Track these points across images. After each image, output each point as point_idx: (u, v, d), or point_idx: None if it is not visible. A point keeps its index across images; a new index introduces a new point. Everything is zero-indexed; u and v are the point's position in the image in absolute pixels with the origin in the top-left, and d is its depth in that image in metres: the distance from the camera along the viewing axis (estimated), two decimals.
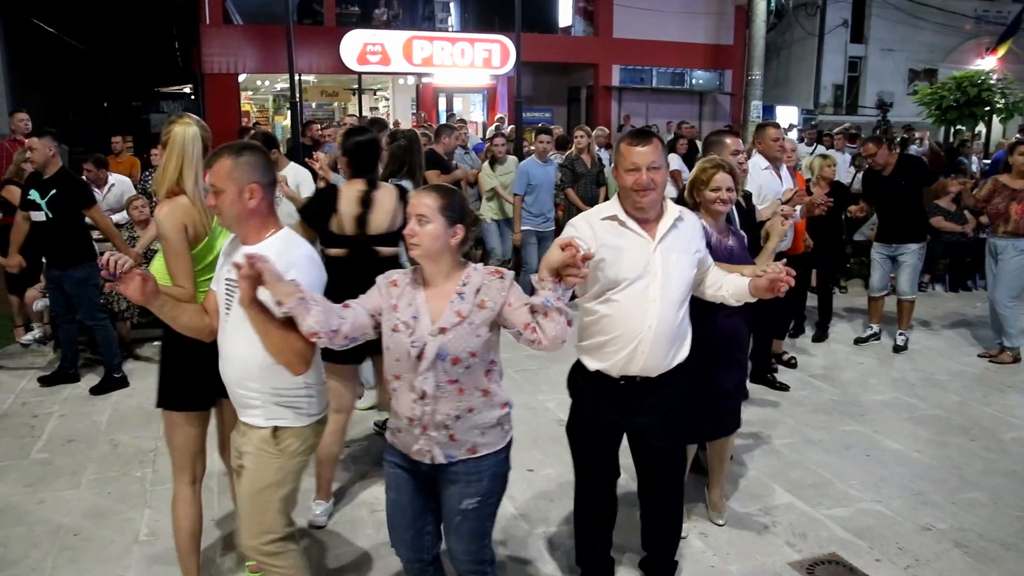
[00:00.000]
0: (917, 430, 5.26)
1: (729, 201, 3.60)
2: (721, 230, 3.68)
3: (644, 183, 2.89)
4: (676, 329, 3.03)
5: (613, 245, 2.95)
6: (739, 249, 3.77)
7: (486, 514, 2.72)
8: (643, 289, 2.95)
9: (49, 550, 3.74)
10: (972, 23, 23.88)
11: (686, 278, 3.04)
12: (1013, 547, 3.84)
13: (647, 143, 2.95)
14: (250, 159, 2.60)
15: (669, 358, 3.05)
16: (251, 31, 17.57)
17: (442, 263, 2.56)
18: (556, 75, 21.28)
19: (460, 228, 2.54)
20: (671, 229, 3.02)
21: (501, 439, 2.70)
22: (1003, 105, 11.55)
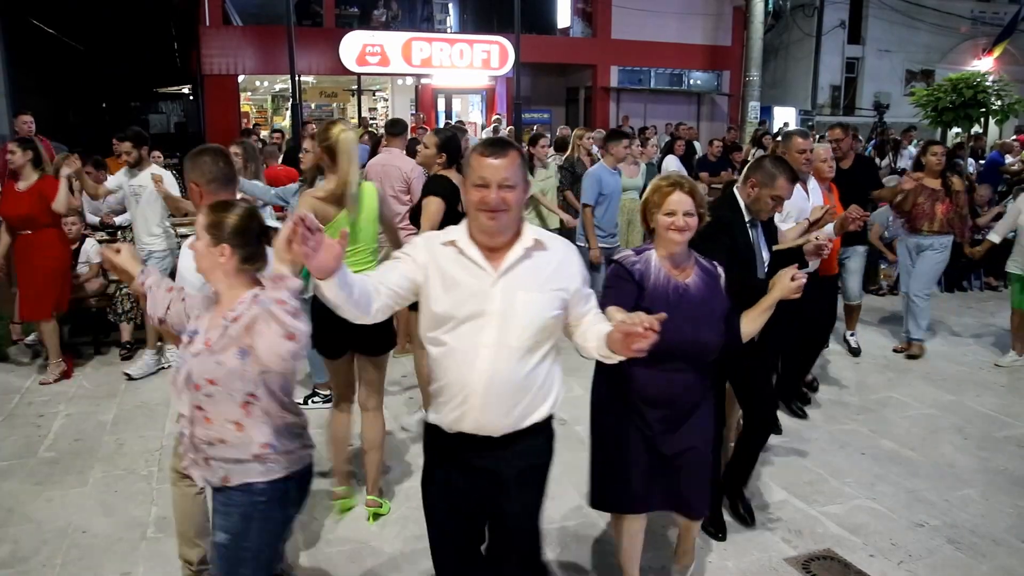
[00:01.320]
0: (912, 429, 5.33)
1: (687, 228, 2.91)
2: (679, 263, 3.01)
3: (493, 202, 2.34)
4: (521, 382, 2.41)
5: (450, 275, 2.41)
6: (703, 290, 3.01)
7: (238, 559, 2.48)
8: (476, 331, 2.38)
9: (58, 547, 3.81)
10: (968, 24, 23.95)
11: (536, 322, 2.40)
12: (1004, 542, 3.91)
13: (502, 155, 2.39)
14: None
15: (514, 416, 2.43)
16: (250, 32, 17.62)
17: (216, 282, 2.49)
18: (554, 76, 21.35)
19: (226, 248, 2.41)
20: (521, 260, 2.42)
21: (258, 475, 2.46)
22: (998, 107, 11.59)
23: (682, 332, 2.82)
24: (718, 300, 3.04)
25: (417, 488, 2.69)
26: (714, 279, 3.07)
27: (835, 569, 3.70)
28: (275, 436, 2.47)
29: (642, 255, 3.00)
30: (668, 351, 2.68)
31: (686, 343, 2.88)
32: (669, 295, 2.93)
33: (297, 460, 2.55)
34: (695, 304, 2.95)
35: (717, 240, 3.41)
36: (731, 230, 3.58)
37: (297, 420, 2.58)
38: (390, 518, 4.07)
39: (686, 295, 2.96)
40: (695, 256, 3.07)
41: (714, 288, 3.05)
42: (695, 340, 2.92)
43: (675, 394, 2.99)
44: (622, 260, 3.01)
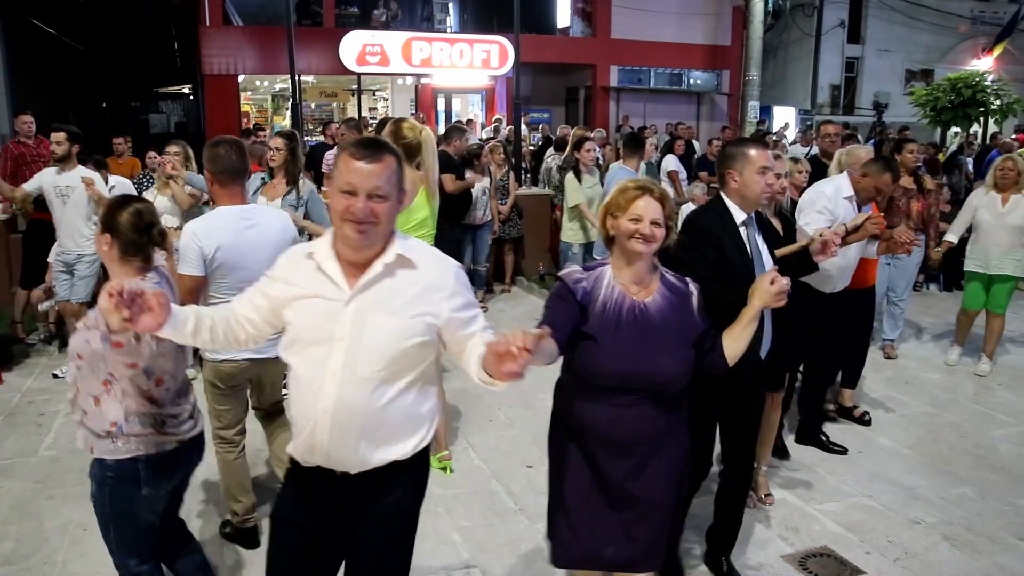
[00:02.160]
0: (909, 427, 5.36)
1: (653, 239, 2.54)
2: (640, 278, 2.62)
3: (359, 213, 2.06)
4: (375, 416, 2.15)
5: (305, 292, 2.18)
6: (666, 310, 2.59)
7: (103, 520, 2.76)
8: (323, 357, 2.14)
9: (60, 544, 3.84)
10: (968, 24, 23.98)
11: (390, 349, 2.12)
12: (999, 540, 3.94)
13: (375, 159, 2.09)
14: None
15: (367, 453, 2.18)
16: (250, 32, 17.65)
17: (108, 267, 2.74)
18: (554, 76, 21.36)
19: (107, 237, 2.66)
20: (380, 278, 2.14)
21: (107, 452, 2.64)
22: (997, 106, 11.64)
23: (633, 359, 2.50)
24: (685, 322, 2.62)
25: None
26: (683, 297, 2.64)
27: (832, 566, 3.72)
28: (126, 417, 2.64)
29: (593, 271, 2.64)
30: (616, 381, 2.50)
31: (638, 372, 2.51)
32: (622, 316, 2.54)
33: (151, 445, 2.69)
34: (654, 327, 2.55)
35: (703, 254, 3.14)
36: (718, 241, 3.20)
37: (160, 409, 2.71)
38: None
39: (643, 316, 2.56)
40: (661, 271, 2.68)
41: (681, 308, 2.63)
42: (649, 369, 2.51)
43: (627, 432, 2.57)
44: (566, 277, 2.63)
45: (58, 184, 6.01)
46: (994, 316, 6.53)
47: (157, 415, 2.70)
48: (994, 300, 6.50)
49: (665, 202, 2.59)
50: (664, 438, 2.63)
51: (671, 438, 2.66)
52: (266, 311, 2.27)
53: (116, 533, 2.78)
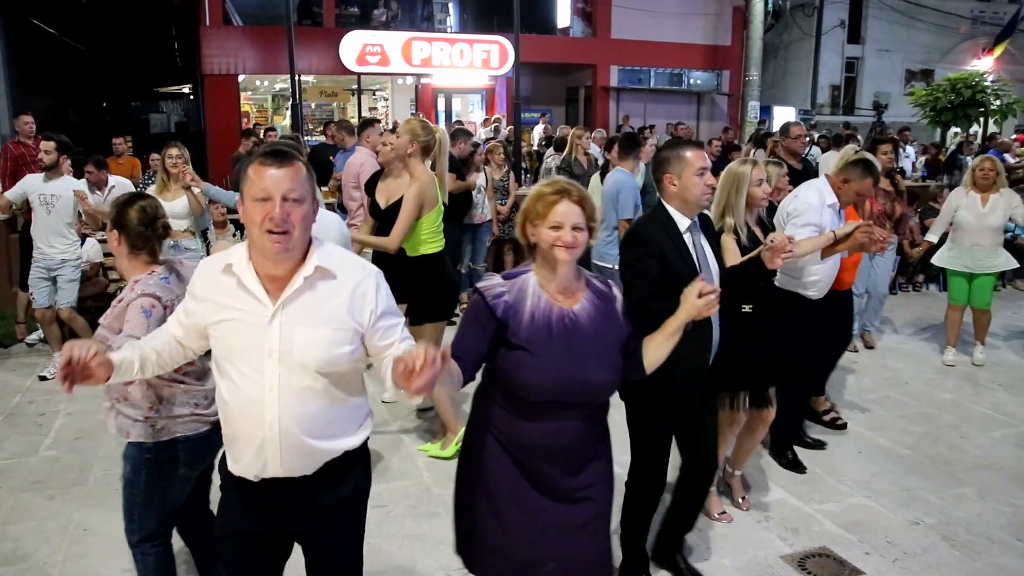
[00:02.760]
0: (908, 427, 5.36)
1: (575, 244, 2.41)
2: (566, 286, 2.49)
3: (277, 218, 2.05)
4: (322, 423, 2.20)
5: (226, 307, 2.17)
6: (596, 318, 2.49)
7: (131, 502, 2.89)
8: (257, 373, 2.14)
9: (59, 545, 3.84)
10: (968, 24, 23.98)
11: (322, 360, 2.14)
12: (998, 540, 3.94)
13: (285, 164, 2.10)
14: None
15: (321, 455, 2.23)
16: (251, 32, 17.65)
17: (118, 263, 2.91)
18: (554, 76, 21.37)
19: (115, 233, 2.82)
20: (302, 291, 2.14)
21: (147, 436, 2.79)
22: (997, 106, 11.65)
23: (567, 370, 2.39)
24: (613, 328, 2.52)
25: (416, 486, 2.71)
26: (609, 302, 2.54)
27: (831, 567, 3.72)
28: (161, 401, 2.77)
29: (515, 280, 2.48)
30: (552, 395, 2.39)
31: (574, 383, 2.40)
32: (552, 327, 2.42)
33: (189, 426, 2.82)
34: (586, 336, 2.44)
35: (646, 270, 3.04)
36: (661, 252, 3.08)
37: (190, 387, 2.83)
38: (391, 513, 4.09)
39: (575, 326, 2.44)
40: (585, 276, 2.57)
41: (609, 314, 2.53)
42: (583, 379, 2.41)
43: (566, 446, 2.47)
44: (485, 291, 2.45)
45: (43, 192, 5.98)
46: (981, 312, 6.68)
47: (190, 397, 2.83)
48: (978, 296, 6.62)
49: (585, 204, 2.45)
50: (599, 445, 2.58)
51: (604, 443, 2.62)
52: (192, 330, 2.29)
53: (141, 516, 2.88)
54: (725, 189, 3.79)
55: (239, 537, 2.35)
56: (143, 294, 2.73)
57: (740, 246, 3.67)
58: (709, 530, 4.00)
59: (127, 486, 2.88)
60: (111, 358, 2.15)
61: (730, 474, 4.30)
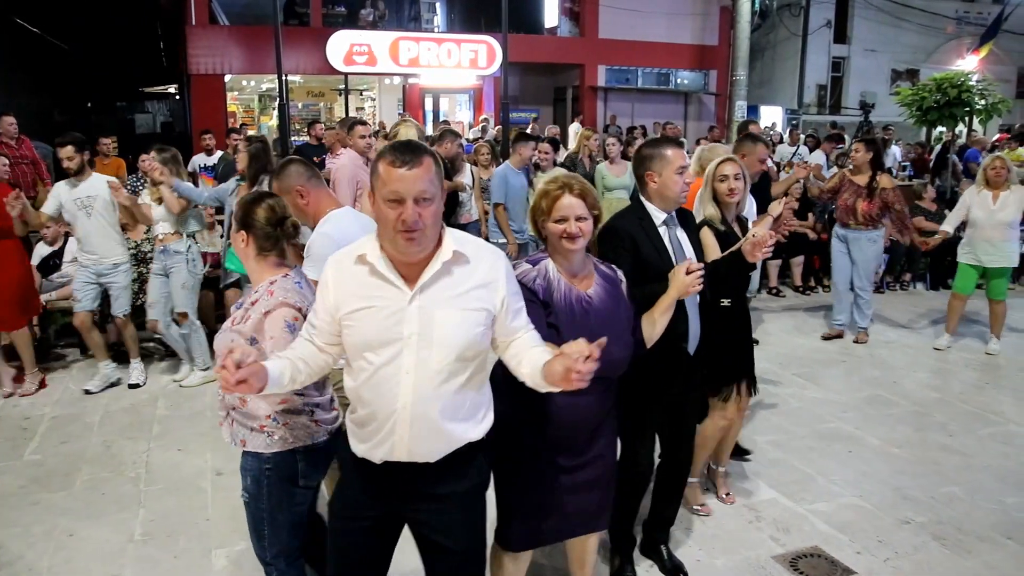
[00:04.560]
0: (897, 426, 5.37)
1: (580, 234, 2.64)
2: (578, 272, 2.74)
3: (410, 221, 2.11)
4: (449, 406, 2.26)
5: (362, 296, 2.23)
6: (607, 300, 2.75)
7: (257, 517, 2.74)
8: (394, 356, 2.20)
9: (44, 550, 3.79)
10: (953, 24, 24.14)
11: (458, 343, 2.21)
12: (988, 539, 3.95)
13: (416, 163, 2.13)
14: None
15: (446, 441, 2.29)
16: (237, 32, 17.55)
17: (246, 265, 2.83)
18: (542, 75, 21.36)
19: (243, 234, 2.76)
20: (439, 276, 2.21)
21: (262, 446, 2.67)
22: (982, 106, 11.69)
23: None
24: (623, 308, 2.80)
25: None
26: (616, 285, 2.82)
27: (822, 567, 3.72)
28: (276, 411, 2.65)
29: (539, 266, 2.69)
30: None
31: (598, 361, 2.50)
32: (575, 309, 2.66)
33: (306, 435, 2.70)
34: (602, 316, 2.68)
35: (618, 257, 3.10)
36: (634, 244, 3.20)
37: (308, 399, 2.71)
38: None
39: (592, 307, 2.69)
40: (594, 262, 2.83)
41: (617, 296, 2.80)
42: (606, 357, 2.36)
43: (579, 419, 2.74)
44: (522, 278, 2.60)
45: (78, 197, 5.68)
46: (996, 303, 6.95)
47: (306, 404, 2.71)
48: (994, 289, 6.92)
49: (587, 195, 2.70)
50: (608, 417, 2.86)
51: (611, 414, 2.89)
52: (327, 330, 2.32)
53: (271, 530, 2.75)
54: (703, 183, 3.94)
55: (355, 521, 2.40)
56: (283, 303, 2.62)
57: (722, 241, 3.68)
58: (701, 530, 4.00)
59: (251, 501, 2.74)
60: (267, 367, 2.19)
61: (714, 471, 4.36)
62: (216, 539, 3.89)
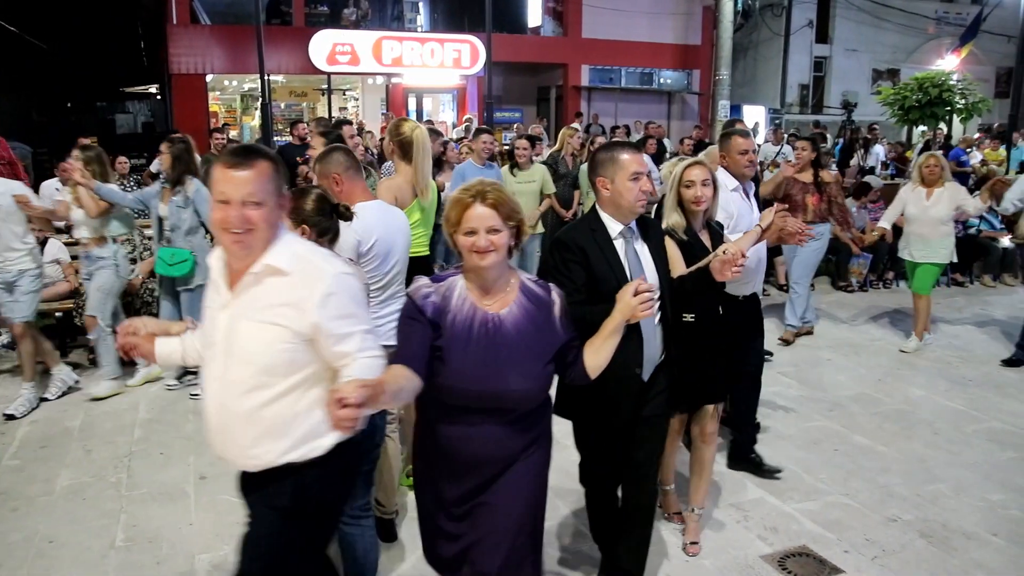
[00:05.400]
0: (883, 424, 5.38)
1: (492, 248, 2.33)
2: (491, 289, 2.43)
3: (234, 222, 2.11)
4: (255, 421, 2.21)
5: (210, 294, 2.34)
6: (524, 323, 2.42)
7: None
8: (210, 360, 2.28)
9: (24, 558, 3.73)
10: (934, 24, 24.34)
11: (259, 358, 2.18)
12: (975, 536, 3.96)
13: (247, 166, 2.12)
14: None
15: (258, 453, 2.25)
16: (219, 31, 17.43)
17: None
18: (526, 75, 21.35)
19: (304, 228, 2.83)
20: (250, 286, 2.19)
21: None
22: (963, 105, 11.81)
23: (481, 378, 2.34)
24: (544, 336, 2.45)
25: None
26: (543, 308, 2.47)
27: (811, 566, 3.72)
28: None
29: (444, 282, 2.44)
30: (463, 400, 2.35)
31: (486, 391, 2.34)
32: (473, 332, 2.37)
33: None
34: (507, 342, 2.38)
35: (570, 275, 2.91)
36: (585, 257, 2.94)
37: None
38: None
39: (497, 330, 2.38)
40: (522, 279, 2.50)
41: (540, 319, 2.45)
42: (498, 388, 2.34)
43: (474, 451, 2.43)
44: (413, 293, 2.43)
45: None
46: (920, 297, 7.00)
47: None
48: (919, 282, 6.97)
49: (502, 204, 2.35)
50: (518, 456, 2.47)
51: (527, 456, 2.49)
52: None
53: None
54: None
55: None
56: None
57: (689, 253, 3.38)
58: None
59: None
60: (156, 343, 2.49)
61: (690, 515, 3.94)
62: (200, 544, 3.83)
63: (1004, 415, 5.58)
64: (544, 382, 2.47)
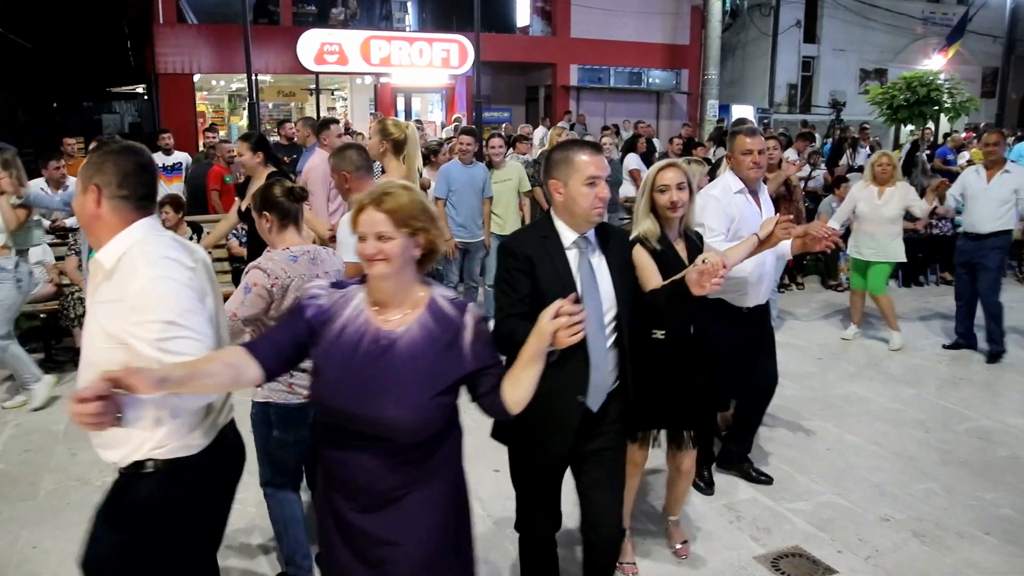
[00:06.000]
0: (875, 423, 5.38)
1: (381, 256, 2.07)
2: (390, 302, 2.16)
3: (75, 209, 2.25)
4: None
5: None
6: (422, 344, 2.11)
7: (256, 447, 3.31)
8: None
9: (7, 563, 3.67)
10: (921, 24, 24.46)
11: (89, 352, 2.19)
12: (967, 535, 3.95)
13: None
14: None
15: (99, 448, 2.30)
16: (206, 30, 17.32)
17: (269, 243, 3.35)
18: (514, 75, 21.32)
19: (264, 216, 3.27)
20: (95, 277, 2.22)
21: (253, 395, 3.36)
22: (950, 104, 11.85)
23: (357, 400, 2.07)
24: (444, 361, 2.12)
25: None
26: (449, 330, 2.14)
27: (804, 566, 3.70)
28: None
29: (345, 289, 2.21)
30: (338, 420, 2.12)
31: (362, 416, 2.08)
32: (360, 347, 2.10)
33: (280, 396, 3.20)
34: (395, 364, 2.09)
35: (515, 286, 2.64)
36: (532, 268, 2.64)
37: None
38: None
39: (388, 351, 2.10)
40: (434, 295, 2.18)
41: (443, 343, 2.12)
42: (375, 414, 2.07)
43: (353, 476, 2.15)
44: (303, 291, 2.27)
45: None
46: (879, 298, 7.07)
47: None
48: (873, 283, 7.05)
49: (399, 211, 2.08)
50: (400, 493, 2.15)
51: (420, 491, 2.17)
52: None
53: (259, 462, 3.30)
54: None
55: None
56: (257, 267, 3.07)
57: (661, 264, 3.11)
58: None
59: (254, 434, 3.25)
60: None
61: (666, 519, 3.84)
62: None
63: (995, 413, 5.58)
64: (430, 414, 2.10)
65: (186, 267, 2.20)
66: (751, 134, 4.06)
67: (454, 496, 2.27)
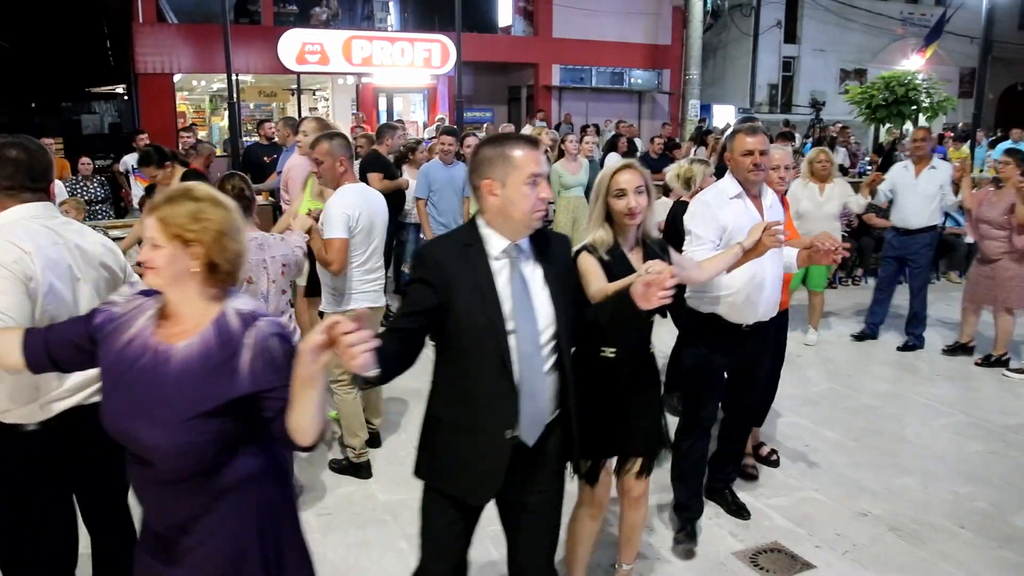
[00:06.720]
0: (852, 419, 5.43)
1: (148, 265, 1.90)
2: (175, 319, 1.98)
3: None
4: None
5: None
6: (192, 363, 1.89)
7: None
8: None
9: None
10: (900, 25, 24.69)
11: None
12: (943, 528, 4.01)
13: None
14: None
15: None
16: (186, 30, 17.22)
17: None
18: (496, 75, 21.32)
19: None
20: None
21: None
22: (928, 104, 11.99)
23: (117, 415, 1.93)
24: (210, 383, 1.88)
25: (359, 490, 2.61)
26: (228, 348, 1.89)
27: (782, 561, 3.73)
28: None
29: (140, 301, 2.03)
30: (115, 438, 1.96)
31: (125, 435, 1.93)
32: (140, 360, 1.92)
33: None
34: (160, 381, 1.88)
35: (418, 298, 2.32)
36: (447, 281, 2.29)
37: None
38: (335, 521, 3.99)
39: (159, 366, 1.90)
40: (225, 309, 1.94)
41: (216, 363, 1.89)
42: (131, 434, 1.91)
43: (145, 505, 2.02)
44: (102, 305, 2.07)
45: None
46: (815, 294, 7.17)
47: None
48: (812, 280, 7.07)
49: (168, 219, 1.88)
50: (199, 525, 1.95)
51: (208, 526, 1.95)
52: None
53: None
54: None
55: None
56: None
57: (608, 274, 2.76)
58: (660, 528, 3.98)
59: None
60: None
61: (619, 571, 3.41)
62: None
63: (970, 408, 5.65)
64: (186, 438, 1.85)
65: (23, 251, 2.39)
66: (752, 132, 3.57)
67: (257, 535, 1.99)
